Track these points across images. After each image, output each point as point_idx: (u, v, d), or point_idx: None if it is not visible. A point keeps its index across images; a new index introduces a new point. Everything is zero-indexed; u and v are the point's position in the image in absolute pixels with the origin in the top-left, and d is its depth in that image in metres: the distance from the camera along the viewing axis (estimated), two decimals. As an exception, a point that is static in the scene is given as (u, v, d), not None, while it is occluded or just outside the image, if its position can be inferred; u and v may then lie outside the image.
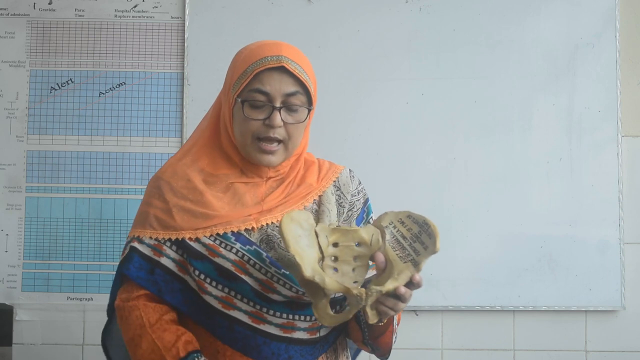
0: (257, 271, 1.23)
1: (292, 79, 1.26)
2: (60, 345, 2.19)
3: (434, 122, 2.22)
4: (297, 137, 1.29)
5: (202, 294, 1.25)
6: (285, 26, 2.21)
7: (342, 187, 1.37)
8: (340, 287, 1.14)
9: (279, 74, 1.25)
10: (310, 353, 1.28)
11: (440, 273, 2.17)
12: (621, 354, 2.21)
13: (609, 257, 2.19)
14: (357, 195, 1.39)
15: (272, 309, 1.24)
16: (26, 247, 2.20)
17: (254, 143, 1.26)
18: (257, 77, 1.25)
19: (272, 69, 1.25)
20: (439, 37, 2.23)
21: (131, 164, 2.22)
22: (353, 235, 1.22)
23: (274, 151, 1.27)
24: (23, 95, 2.24)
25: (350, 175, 1.40)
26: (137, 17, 2.25)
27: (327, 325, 1.21)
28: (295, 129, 1.27)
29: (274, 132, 1.25)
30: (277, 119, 1.24)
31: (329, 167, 1.40)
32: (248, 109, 1.26)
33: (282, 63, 1.24)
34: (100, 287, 2.18)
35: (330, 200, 1.34)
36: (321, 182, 1.36)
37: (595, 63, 2.23)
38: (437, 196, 2.19)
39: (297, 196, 1.32)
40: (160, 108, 2.23)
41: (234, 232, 1.26)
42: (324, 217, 1.31)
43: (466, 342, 2.21)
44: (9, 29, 2.25)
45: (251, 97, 1.25)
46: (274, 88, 1.24)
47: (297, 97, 1.26)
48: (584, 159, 2.21)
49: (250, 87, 1.26)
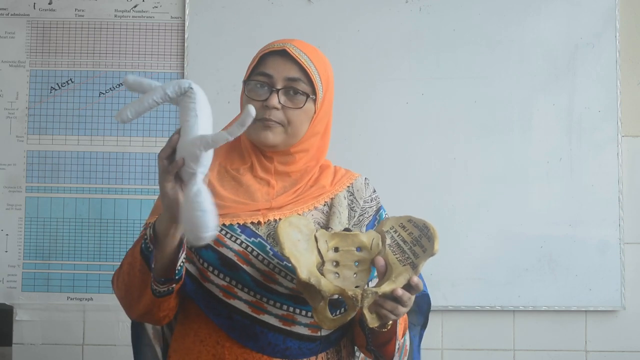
0: (260, 262, 1.24)
1: (297, 66, 1.29)
2: (60, 345, 2.19)
3: (434, 122, 2.22)
4: (297, 124, 1.29)
5: (204, 282, 1.27)
6: (285, 26, 2.21)
7: (355, 193, 1.38)
8: (335, 288, 1.14)
9: (283, 59, 1.29)
10: (310, 348, 1.28)
11: (440, 273, 2.17)
12: (621, 354, 2.21)
13: (609, 257, 2.19)
14: (370, 202, 1.39)
15: (272, 299, 1.25)
16: (26, 247, 2.20)
17: (254, 122, 1.27)
18: (262, 61, 1.30)
19: (275, 54, 1.29)
20: (439, 37, 2.23)
21: (131, 164, 2.22)
22: (353, 239, 1.22)
23: (272, 127, 1.28)
24: (23, 95, 2.24)
25: (365, 183, 1.42)
26: (137, 17, 2.25)
27: (327, 328, 1.21)
28: (295, 115, 1.29)
29: (271, 113, 1.27)
30: (275, 99, 1.27)
31: (345, 174, 1.41)
32: (250, 90, 1.30)
33: (286, 47, 1.29)
34: (100, 287, 2.18)
35: (342, 204, 1.35)
36: (335, 186, 1.36)
37: (595, 63, 2.23)
38: (437, 196, 2.19)
39: (309, 196, 1.33)
40: (160, 108, 2.23)
41: (240, 225, 1.27)
42: (334, 218, 1.31)
43: (466, 342, 2.21)
44: (9, 29, 2.25)
45: (253, 79, 1.30)
46: (276, 71, 1.28)
47: (298, 83, 1.28)
48: (584, 159, 2.21)
49: (255, 70, 1.30)
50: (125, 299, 1.28)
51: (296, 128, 1.30)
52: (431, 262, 2.11)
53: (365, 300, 1.13)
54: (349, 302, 1.15)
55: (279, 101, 1.27)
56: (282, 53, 1.29)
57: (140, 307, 1.25)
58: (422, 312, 1.40)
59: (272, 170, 1.33)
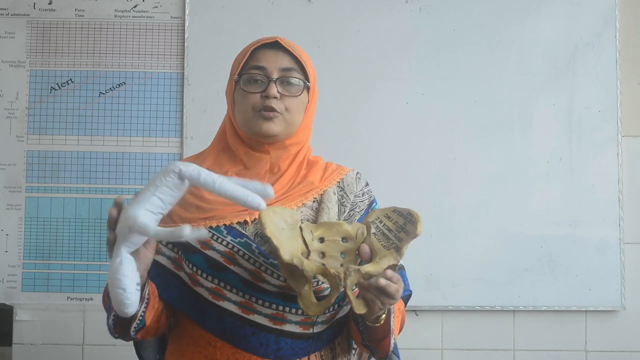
0: (246, 261, 1.25)
1: (288, 56, 1.33)
2: (60, 345, 2.20)
3: (434, 122, 2.22)
4: (295, 112, 1.33)
5: (194, 286, 1.27)
6: (285, 26, 2.21)
7: (345, 188, 1.39)
8: (318, 268, 1.14)
9: (274, 51, 1.32)
10: (302, 347, 1.28)
11: (440, 273, 2.17)
12: (621, 354, 2.21)
13: (609, 257, 2.19)
14: (361, 197, 1.40)
15: (261, 298, 1.25)
16: (26, 247, 2.20)
17: (254, 114, 1.31)
18: (253, 55, 1.33)
19: (267, 46, 1.33)
20: (439, 37, 2.23)
21: (131, 164, 2.22)
22: (338, 229, 1.23)
23: (273, 118, 1.30)
24: (23, 95, 2.24)
25: (356, 177, 1.42)
26: (137, 17, 2.25)
27: (312, 314, 1.20)
28: (293, 102, 1.32)
29: (271, 102, 1.30)
30: (273, 89, 1.29)
31: (335, 169, 1.42)
32: (246, 84, 1.32)
33: (277, 39, 1.32)
34: (100, 287, 2.18)
35: (331, 199, 1.35)
36: (324, 182, 1.37)
37: (595, 63, 2.23)
38: (437, 196, 2.19)
39: (297, 193, 1.33)
40: (160, 108, 2.24)
41: (227, 226, 1.28)
42: (323, 214, 1.32)
43: (466, 342, 2.21)
44: (9, 29, 2.25)
45: (248, 74, 1.32)
46: (270, 63, 1.31)
47: (292, 72, 1.32)
48: (584, 159, 2.21)
49: (247, 65, 1.33)
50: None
51: (294, 116, 1.33)
52: (431, 262, 2.13)
53: (348, 279, 1.13)
54: (332, 282, 1.15)
55: (277, 90, 1.30)
56: (272, 45, 1.33)
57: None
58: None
59: (262, 163, 1.34)
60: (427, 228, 2.13)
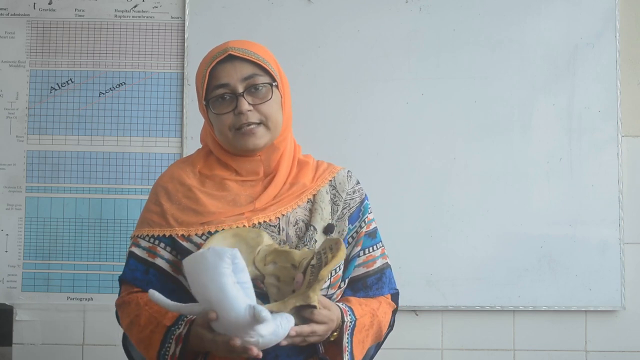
0: None
1: (246, 63, 1.31)
2: (60, 345, 2.19)
3: (434, 122, 2.22)
4: (274, 116, 1.32)
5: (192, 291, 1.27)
6: (285, 26, 2.21)
7: (337, 186, 1.39)
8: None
9: (230, 63, 1.31)
10: (299, 353, 1.28)
11: (440, 273, 2.17)
12: (621, 354, 2.21)
13: (609, 257, 2.19)
14: (352, 195, 1.40)
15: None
16: (26, 247, 2.20)
17: (235, 134, 1.31)
18: (212, 75, 1.31)
19: (222, 62, 1.31)
20: (439, 37, 2.23)
21: (131, 164, 2.22)
22: (287, 256, 1.23)
23: (255, 132, 1.30)
24: (23, 95, 2.24)
25: (347, 175, 1.43)
26: (137, 17, 2.25)
27: None
28: (268, 107, 1.31)
29: (246, 117, 1.29)
30: (244, 104, 1.29)
31: (326, 168, 1.42)
32: (216, 106, 1.31)
33: (229, 52, 1.31)
34: (100, 287, 2.19)
35: (324, 199, 1.36)
36: (316, 182, 1.38)
37: (595, 63, 2.23)
38: (437, 196, 2.19)
39: (291, 195, 1.34)
40: (160, 108, 2.24)
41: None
42: (316, 215, 1.33)
43: (466, 342, 2.21)
44: (9, 29, 2.24)
45: (214, 95, 1.31)
46: (231, 77, 1.30)
47: (256, 78, 1.31)
48: (584, 159, 2.21)
49: (210, 87, 1.32)
50: (131, 338, 1.32)
51: (274, 120, 1.32)
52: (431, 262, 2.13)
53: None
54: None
55: (248, 103, 1.29)
56: (226, 59, 1.31)
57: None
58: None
59: (257, 170, 1.34)
60: (427, 228, 2.15)
